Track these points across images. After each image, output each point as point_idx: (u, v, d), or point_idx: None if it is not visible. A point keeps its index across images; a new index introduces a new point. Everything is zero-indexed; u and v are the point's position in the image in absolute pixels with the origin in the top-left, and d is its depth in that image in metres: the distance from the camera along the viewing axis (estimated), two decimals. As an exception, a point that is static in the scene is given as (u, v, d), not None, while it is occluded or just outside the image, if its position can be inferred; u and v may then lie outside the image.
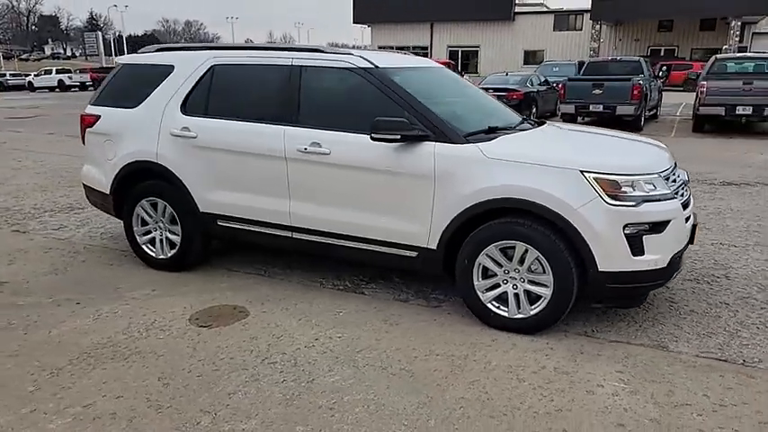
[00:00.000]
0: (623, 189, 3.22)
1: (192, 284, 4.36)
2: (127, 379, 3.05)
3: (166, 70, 4.48)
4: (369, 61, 3.90)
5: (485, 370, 3.12)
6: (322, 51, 4.03)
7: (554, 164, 3.31)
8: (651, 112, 16.21)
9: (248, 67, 4.23)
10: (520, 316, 3.49)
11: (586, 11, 44.97)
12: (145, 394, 2.91)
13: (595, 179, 3.22)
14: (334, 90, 4.02)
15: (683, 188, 3.58)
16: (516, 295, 3.49)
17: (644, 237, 3.23)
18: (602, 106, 14.09)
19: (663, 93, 18.00)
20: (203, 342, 3.46)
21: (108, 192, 4.69)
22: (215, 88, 4.28)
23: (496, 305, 3.55)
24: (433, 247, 3.62)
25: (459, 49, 50.45)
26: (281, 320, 3.74)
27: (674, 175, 3.58)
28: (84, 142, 4.93)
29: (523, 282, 3.46)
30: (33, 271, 4.65)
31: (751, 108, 12.64)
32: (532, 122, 4.39)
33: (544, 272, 3.37)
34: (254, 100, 4.20)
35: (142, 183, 4.54)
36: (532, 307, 3.45)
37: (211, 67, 4.31)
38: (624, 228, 3.20)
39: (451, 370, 3.12)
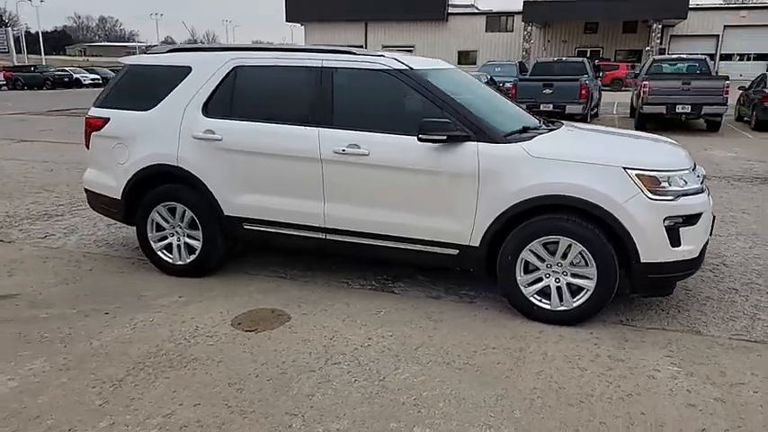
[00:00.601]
0: (662, 184, 3.46)
1: (216, 289, 4.28)
2: (195, 386, 2.99)
3: (183, 72, 4.36)
4: (403, 63, 3.97)
5: (544, 361, 3.27)
6: (353, 53, 4.06)
7: (598, 161, 3.51)
8: (593, 111, 17.03)
9: (274, 69, 4.19)
10: (562, 308, 3.66)
11: (517, 12, 46.51)
12: (222, 400, 2.87)
13: (637, 175, 3.44)
14: (369, 92, 4.06)
15: (703, 182, 3.87)
16: (559, 288, 3.66)
17: (680, 229, 3.48)
18: (552, 105, 14.67)
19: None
20: (257, 346, 3.43)
21: (119, 197, 4.52)
22: (239, 90, 4.22)
23: (538, 299, 3.71)
24: (476, 244, 3.74)
25: (395, 49, 50.96)
26: (325, 322, 3.75)
27: (695, 170, 3.86)
28: (87, 146, 4.72)
29: (566, 275, 3.64)
30: (41, 282, 4.42)
31: (690, 107, 13.55)
32: (550, 122, 4.58)
33: (587, 265, 3.56)
34: (282, 102, 4.17)
35: (158, 187, 4.41)
36: (575, 299, 3.64)
37: (234, 68, 4.24)
38: (664, 221, 3.43)
39: (514, 362, 3.25)
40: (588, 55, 44.77)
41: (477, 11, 49.56)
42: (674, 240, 3.48)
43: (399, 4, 47.20)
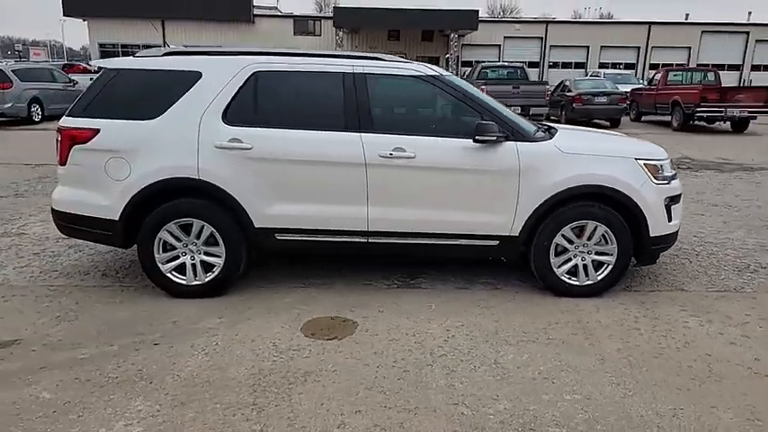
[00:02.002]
0: (660, 171, 4.27)
1: (253, 306, 4.14)
2: (338, 396, 3.00)
3: (191, 77, 4.10)
4: (433, 69, 4.26)
5: (604, 328, 3.86)
6: (383, 60, 4.24)
7: (617, 154, 4.20)
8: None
9: (300, 74, 4.17)
10: (589, 282, 4.30)
11: (325, 17, 47.82)
12: (377, 404, 2.94)
13: (644, 165, 4.21)
14: (406, 97, 4.27)
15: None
16: (585, 266, 4.29)
17: (671, 207, 4.33)
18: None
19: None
20: (354, 352, 3.48)
21: (115, 217, 4.08)
22: (263, 96, 4.12)
23: (567, 277, 4.30)
24: (515, 234, 4.20)
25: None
26: (394, 321, 3.90)
27: (666, 160, 4.77)
28: (63, 162, 4.15)
29: (591, 254, 4.28)
30: (29, 323, 3.82)
31: (520, 108, 15.50)
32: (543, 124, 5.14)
33: (608, 243, 4.24)
34: (314, 108, 4.18)
35: (168, 203, 4.08)
36: (598, 273, 4.29)
37: (254, 73, 4.12)
38: (664, 200, 4.25)
39: (583, 333, 3.79)
40: (393, 60, 47.58)
41: (283, 14, 49.74)
42: (669, 216, 4.31)
43: (199, 3, 45.34)
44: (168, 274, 4.19)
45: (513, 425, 2.77)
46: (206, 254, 4.19)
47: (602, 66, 43.44)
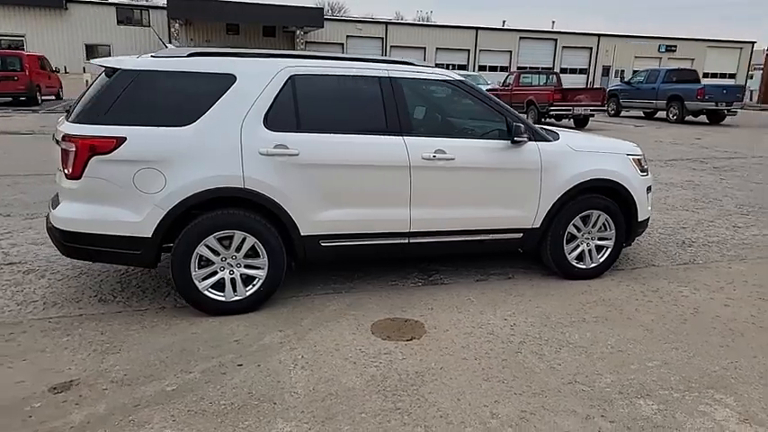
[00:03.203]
0: (642, 165, 5.00)
1: (300, 316, 4.09)
2: (471, 389, 3.17)
3: (225, 80, 3.92)
4: (456, 74, 4.54)
5: (626, 302, 4.46)
6: (413, 64, 4.41)
7: (614, 151, 4.84)
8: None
9: (337, 78, 4.19)
10: (593, 265, 4.90)
11: (154, 6, 44.97)
12: (518, 392, 3.17)
13: (633, 159, 4.90)
14: (436, 100, 4.47)
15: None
16: (590, 251, 4.88)
17: (648, 195, 5.09)
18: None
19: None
20: (445, 348, 3.65)
21: (147, 234, 3.78)
22: (303, 100, 4.07)
23: (577, 262, 4.86)
24: (537, 226, 4.65)
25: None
26: (451, 317, 4.12)
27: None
28: (77, 175, 3.72)
29: (594, 240, 4.88)
30: (73, 360, 3.41)
31: None
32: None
33: (607, 229, 4.87)
34: (354, 111, 4.22)
35: (207, 215, 3.88)
36: (599, 256, 4.91)
37: (291, 76, 4.06)
38: (646, 190, 4.99)
39: (616, 309, 4.34)
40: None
41: (103, 0, 45.64)
42: (649, 204, 5.07)
43: (-2, -16, 40.15)
44: (205, 292, 3.96)
45: (631, 393, 3.17)
46: (246, 267, 4.02)
47: (437, 66, 46.50)
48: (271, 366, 3.37)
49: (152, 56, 3.92)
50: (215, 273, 3.97)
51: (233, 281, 4.01)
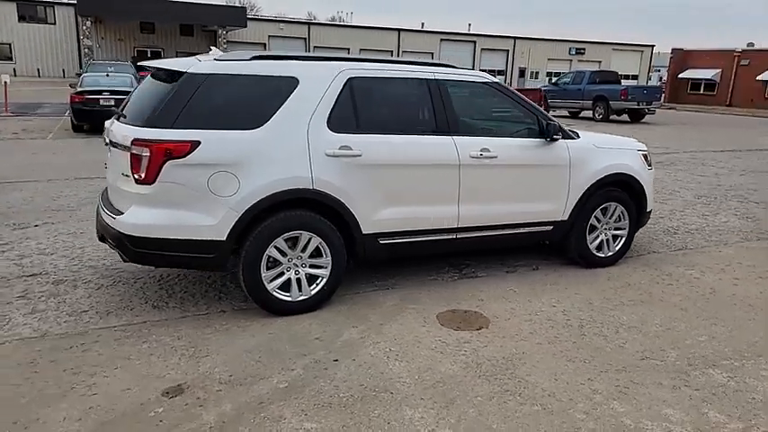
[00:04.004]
0: (648, 160, 5.52)
1: (363, 313, 4.24)
2: (562, 370, 3.48)
3: (288, 83, 4.01)
4: (490, 76, 4.85)
5: (651, 285, 4.93)
6: (454, 67, 4.68)
7: (628, 147, 5.31)
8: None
9: (389, 81, 4.37)
10: (610, 254, 5.36)
11: (60, 3, 42.67)
12: (604, 369, 3.50)
13: (642, 155, 5.41)
14: (477, 101, 4.74)
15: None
16: (607, 240, 5.33)
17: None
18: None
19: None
20: (517, 335, 3.94)
21: (222, 238, 3.82)
22: (361, 102, 4.22)
23: (596, 251, 5.30)
24: (566, 218, 5.04)
25: None
26: (506, 306, 4.41)
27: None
28: (151, 180, 3.70)
29: (610, 230, 5.34)
30: (167, 365, 3.41)
31: None
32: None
33: (622, 219, 5.34)
34: (406, 112, 4.43)
35: (277, 217, 3.97)
36: (615, 245, 5.38)
37: (349, 79, 4.21)
38: (653, 182, 5.52)
39: (646, 293, 4.79)
40: (149, 55, 44.75)
41: (2, -5, 42.65)
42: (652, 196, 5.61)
43: None
44: (274, 293, 4.03)
45: (699, 365, 3.58)
46: (311, 266, 4.13)
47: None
48: (366, 360, 3.51)
49: (215, 59, 3.94)
50: (282, 273, 4.04)
51: (298, 281, 4.09)
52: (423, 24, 55.06)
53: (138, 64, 4.64)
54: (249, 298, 4.07)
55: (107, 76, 15.98)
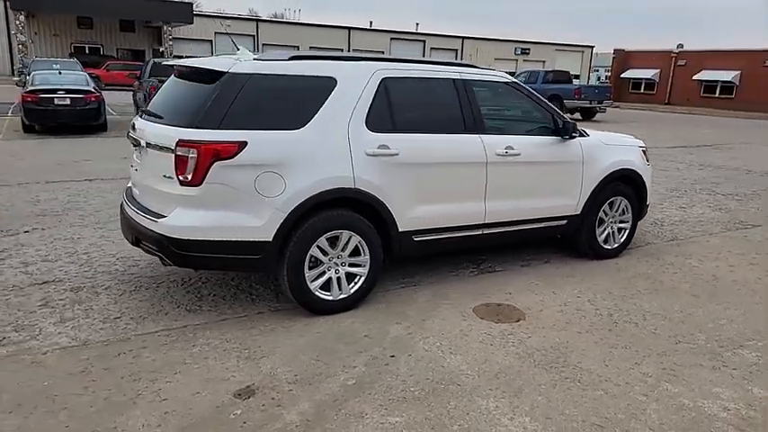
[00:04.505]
0: (646, 156, 5.84)
1: (399, 309, 4.33)
2: (609, 354, 3.68)
3: (327, 83, 4.06)
4: (509, 76, 5.03)
5: (661, 274, 5.23)
6: (475, 66, 4.83)
7: (632, 144, 5.61)
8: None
9: (421, 81, 4.48)
10: (616, 246, 5.64)
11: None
12: (647, 354, 3.72)
13: (643, 151, 5.72)
14: (499, 100, 4.90)
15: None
16: (613, 233, 5.61)
17: (650, 183, 5.96)
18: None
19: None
20: (555, 325, 4.12)
21: (269, 238, 3.84)
22: (395, 102, 4.29)
23: (603, 243, 5.58)
24: (578, 212, 5.28)
25: None
26: (535, 298, 4.59)
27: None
28: (198, 181, 3.68)
29: (616, 223, 5.62)
30: (227, 368, 3.40)
31: None
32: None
33: (626, 213, 5.64)
34: (437, 111, 4.54)
35: (320, 216, 4.01)
36: (620, 237, 5.67)
37: (383, 79, 4.29)
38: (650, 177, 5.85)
39: (656, 282, 5.08)
40: (87, 52, 43.06)
41: None
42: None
43: None
44: (316, 292, 4.07)
45: (728, 346, 3.85)
46: (350, 265, 4.19)
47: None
48: (422, 355, 3.61)
49: (255, 59, 3.94)
50: (323, 273, 4.08)
51: (338, 280, 4.14)
52: (371, 23, 55.20)
53: (164, 63, 4.56)
54: (291, 299, 4.08)
55: (59, 74, 15.33)
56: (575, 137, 5.02)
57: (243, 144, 3.66)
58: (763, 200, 8.91)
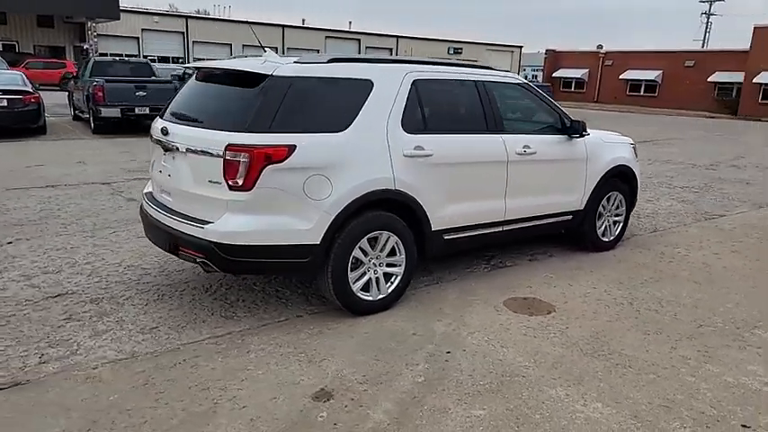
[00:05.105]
0: (636, 152, 6.23)
1: (431, 307, 4.44)
2: (647, 338, 3.95)
3: (364, 86, 4.12)
4: (520, 77, 5.26)
5: (659, 264, 5.60)
6: (492, 68, 5.02)
7: (624, 142, 5.97)
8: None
9: (445, 82, 4.62)
10: (612, 238, 5.99)
11: None
12: (678, 338, 4.02)
13: (632, 147, 6.10)
14: (514, 101, 5.10)
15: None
16: (609, 226, 5.96)
17: (637, 178, 6.36)
18: (148, 108, 14.58)
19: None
20: (586, 315, 4.37)
21: (317, 241, 3.88)
22: (425, 103, 4.41)
23: (602, 236, 5.91)
24: (582, 208, 5.58)
25: None
26: (557, 291, 4.82)
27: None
28: (250, 186, 3.67)
29: (611, 216, 5.97)
30: (293, 372, 3.43)
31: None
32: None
33: (620, 207, 6.00)
34: (462, 112, 4.69)
35: (361, 218, 4.08)
36: (615, 230, 6.03)
37: (413, 81, 4.41)
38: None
39: (657, 272, 5.45)
40: (2, 49, 40.56)
41: None
42: (638, 185, 6.34)
43: None
44: (358, 294, 4.14)
45: (744, 327, 4.19)
46: (387, 265, 4.28)
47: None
48: (475, 350, 3.74)
49: (295, 62, 3.96)
50: (363, 274, 4.15)
51: (377, 280, 4.22)
52: (303, 21, 54.80)
53: (191, 65, 4.47)
54: (333, 301, 4.12)
55: None
56: (584, 136, 5.29)
57: (292, 147, 3.68)
58: (716, 192, 9.62)
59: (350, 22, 63.43)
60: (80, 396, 3.11)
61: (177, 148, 3.93)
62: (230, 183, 3.62)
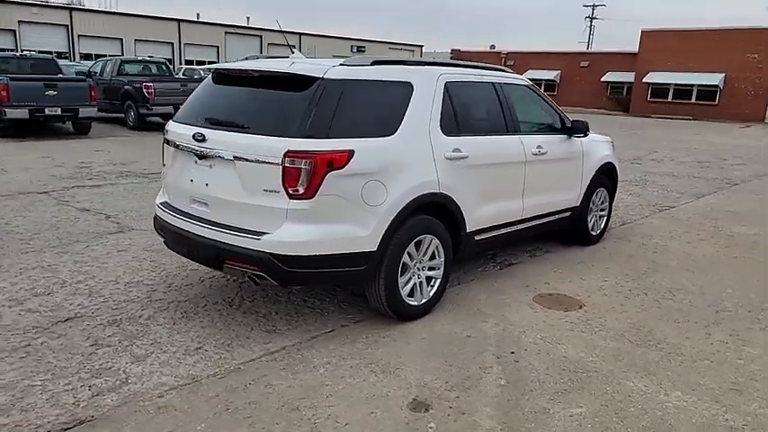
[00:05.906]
0: (614, 148, 6.64)
1: (477, 308, 4.51)
2: (677, 326, 4.25)
3: (406, 89, 4.09)
4: (527, 79, 5.45)
5: (649, 254, 6.00)
6: (504, 71, 5.16)
7: (606, 140, 6.33)
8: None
9: (471, 84, 4.69)
10: (599, 232, 6.34)
11: None
12: (695, 326, 4.35)
13: (611, 144, 6.50)
14: (523, 102, 5.25)
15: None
16: (595, 221, 6.32)
17: (613, 174, 6.78)
18: (60, 109, 13.58)
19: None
20: (616, 307, 4.62)
21: (373, 248, 3.83)
22: (457, 106, 4.45)
23: (592, 230, 6.25)
24: (578, 204, 5.88)
25: None
26: (575, 286, 5.05)
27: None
28: (312, 193, 3.55)
29: (598, 211, 6.32)
30: (378, 381, 3.39)
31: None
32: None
33: (605, 202, 6.37)
34: (487, 114, 4.78)
35: (410, 222, 4.07)
36: (601, 224, 6.39)
37: (445, 84, 4.44)
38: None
39: (651, 264, 5.84)
40: None
41: None
42: (614, 177, 6.76)
43: None
44: (406, 299, 4.13)
45: (753, 310, 4.59)
46: (429, 269, 4.30)
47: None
48: (535, 349, 3.84)
49: (341, 64, 3.87)
50: (409, 279, 4.14)
51: (420, 285, 4.23)
52: (198, 15, 52.80)
53: (214, 67, 4.20)
54: (382, 308, 4.06)
55: None
56: (587, 135, 5.56)
57: (351, 153, 3.59)
58: (655, 185, 10.40)
59: (248, 18, 61.70)
60: (163, 429, 2.87)
61: (220, 156, 3.71)
62: (290, 191, 3.47)
